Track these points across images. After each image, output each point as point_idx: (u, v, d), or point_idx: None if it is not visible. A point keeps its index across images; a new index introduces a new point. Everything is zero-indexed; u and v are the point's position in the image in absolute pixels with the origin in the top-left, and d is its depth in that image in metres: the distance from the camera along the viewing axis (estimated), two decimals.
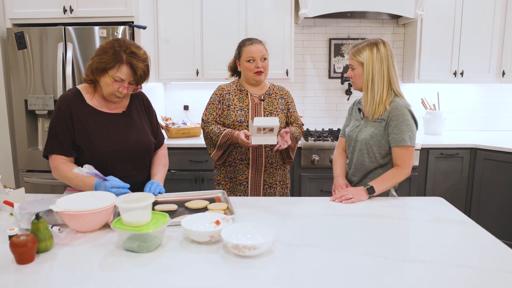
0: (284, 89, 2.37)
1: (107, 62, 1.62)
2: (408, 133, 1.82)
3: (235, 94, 2.27)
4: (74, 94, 1.73)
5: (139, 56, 1.66)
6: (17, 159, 3.09)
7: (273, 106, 2.27)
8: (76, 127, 1.68)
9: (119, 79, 1.64)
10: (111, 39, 1.70)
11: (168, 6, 3.37)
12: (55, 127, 1.69)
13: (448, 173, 3.28)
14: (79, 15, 2.97)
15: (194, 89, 3.82)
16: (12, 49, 2.95)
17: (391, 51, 1.87)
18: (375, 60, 1.84)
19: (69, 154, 1.70)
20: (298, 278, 1.11)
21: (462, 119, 3.89)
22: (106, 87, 1.67)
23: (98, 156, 1.69)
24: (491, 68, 3.48)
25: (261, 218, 1.58)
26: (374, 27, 3.74)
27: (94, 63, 1.65)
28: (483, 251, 1.31)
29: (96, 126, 1.71)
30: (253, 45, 2.21)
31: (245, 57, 2.21)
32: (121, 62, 1.63)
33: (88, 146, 1.69)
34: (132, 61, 1.64)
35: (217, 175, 2.33)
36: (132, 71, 1.65)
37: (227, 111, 2.23)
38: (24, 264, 1.18)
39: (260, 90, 2.30)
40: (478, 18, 3.40)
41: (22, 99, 3.00)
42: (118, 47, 1.64)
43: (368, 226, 1.50)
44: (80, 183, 1.65)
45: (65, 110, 1.68)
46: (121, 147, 1.74)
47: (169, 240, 1.34)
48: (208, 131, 2.23)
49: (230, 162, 2.26)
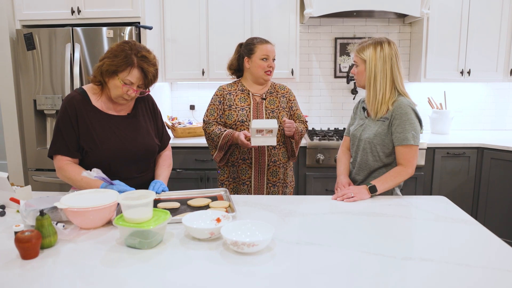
0: (286, 87, 2.37)
1: (118, 65, 1.63)
2: (412, 132, 1.82)
3: (236, 94, 2.28)
4: (80, 94, 1.74)
5: (149, 60, 1.67)
6: (26, 158, 3.15)
7: (274, 104, 2.28)
8: (81, 129, 1.70)
9: (129, 82, 1.65)
10: (121, 42, 1.70)
11: (174, 7, 3.40)
12: (61, 128, 1.70)
13: (455, 172, 3.26)
14: (87, 16, 3.02)
15: (200, 88, 3.85)
16: (21, 50, 3.01)
17: (397, 51, 1.86)
18: (378, 59, 1.83)
19: (74, 156, 1.72)
20: (297, 275, 1.12)
21: (469, 118, 3.86)
22: (115, 89, 1.67)
23: (102, 158, 1.71)
24: (499, 66, 3.44)
25: (262, 216, 1.59)
26: (380, 26, 3.73)
27: (104, 65, 1.65)
28: (485, 249, 1.31)
29: (100, 128, 1.72)
30: (268, 44, 2.24)
31: (260, 54, 2.21)
32: (132, 65, 1.64)
33: (92, 147, 1.70)
34: (143, 65, 1.65)
35: (221, 175, 2.34)
36: (143, 75, 1.66)
37: (229, 111, 2.24)
38: (28, 259, 1.21)
39: (262, 89, 2.31)
40: (485, 16, 3.37)
41: (31, 99, 3.05)
42: (129, 50, 1.64)
43: (369, 225, 1.51)
44: (85, 186, 1.66)
45: (71, 111, 1.69)
46: (125, 149, 1.75)
47: (170, 237, 1.36)
48: (209, 132, 2.25)
49: (233, 162, 2.28)
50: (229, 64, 2.38)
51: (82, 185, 1.67)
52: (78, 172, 1.67)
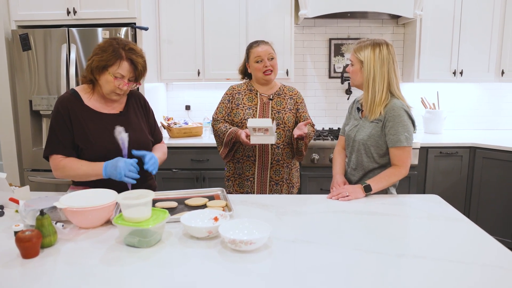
0: (295, 89, 2.43)
1: (108, 60, 1.66)
2: (405, 134, 1.84)
3: (245, 93, 2.35)
4: (72, 95, 1.77)
5: (137, 52, 1.72)
6: (22, 158, 3.15)
7: (281, 105, 2.33)
8: (74, 127, 1.72)
9: (119, 75, 1.69)
10: (107, 38, 1.75)
11: (169, 7, 3.41)
12: (55, 128, 1.73)
13: (448, 172, 3.31)
14: (83, 17, 3.02)
15: (196, 89, 3.86)
16: (17, 50, 3.01)
17: (394, 54, 1.88)
18: (376, 60, 1.85)
19: (69, 154, 1.73)
20: (293, 273, 1.15)
21: (461, 118, 3.91)
22: (107, 84, 1.70)
23: (97, 155, 1.72)
24: (491, 67, 3.49)
25: (259, 215, 1.61)
26: (374, 27, 3.77)
27: (93, 62, 1.69)
28: (477, 247, 1.34)
29: (94, 126, 1.74)
30: (259, 46, 2.30)
31: (253, 58, 2.29)
32: (122, 58, 1.67)
33: (87, 145, 1.72)
34: (132, 56, 1.69)
35: (227, 172, 2.41)
36: (133, 67, 1.70)
37: (236, 110, 2.32)
38: (29, 258, 1.22)
39: (270, 90, 2.37)
40: (477, 17, 3.42)
41: (27, 99, 3.05)
42: (117, 45, 1.69)
43: (364, 223, 1.54)
44: (88, 170, 1.67)
45: (63, 110, 1.72)
46: (118, 146, 1.77)
47: (168, 236, 1.38)
48: (217, 129, 2.32)
49: (238, 159, 2.34)
50: (239, 68, 2.48)
51: (85, 171, 1.68)
52: (77, 161, 1.70)
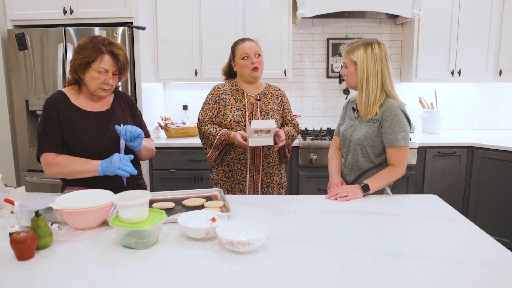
0: (280, 89, 2.39)
1: (89, 56, 1.70)
2: (402, 133, 1.84)
3: (232, 93, 2.29)
4: (59, 95, 1.80)
5: (117, 45, 1.76)
6: (18, 159, 3.13)
7: (268, 106, 2.30)
8: (63, 125, 1.75)
9: (103, 70, 1.72)
10: (86, 38, 1.78)
11: (167, 7, 3.40)
12: (44, 127, 1.75)
13: (446, 171, 3.31)
14: (79, 16, 3.01)
15: (193, 89, 3.85)
16: (13, 50, 2.99)
17: (386, 52, 1.87)
18: (369, 60, 1.84)
19: (60, 151, 1.76)
20: (291, 273, 1.14)
21: (459, 118, 3.91)
22: (92, 81, 1.73)
23: (87, 152, 1.75)
24: (488, 67, 3.49)
25: (256, 215, 1.60)
26: (372, 27, 3.76)
27: (76, 61, 1.73)
28: (475, 247, 1.34)
29: (82, 123, 1.77)
30: (245, 43, 2.26)
31: (239, 55, 2.25)
32: (102, 52, 1.71)
33: (77, 143, 1.75)
34: (112, 49, 1.73)
35: (214, 175, 2.35)
36: (115, 60, 1.74)
37: (224, 111, 2.26)
38: (24, 260, 1.21)
39: (256, 90, 2.32)
40: (475, 17, 3.42)
41: (23, 99, 3.03)
42: (96, 41, 1.73)
43: (362, 223, 1.53)
44: (83, 166, 1.70)
45: (52, 109, 1.75)
46: (108, 142, 1.80)
47: (165, 237, 1.37)
48: (205, 131, 2.26)
49: (227, 162, 2.29)
50: (223, 69, 2.43)
51: (81, 167, 1.71)
52: (72, 158, 1.73)
